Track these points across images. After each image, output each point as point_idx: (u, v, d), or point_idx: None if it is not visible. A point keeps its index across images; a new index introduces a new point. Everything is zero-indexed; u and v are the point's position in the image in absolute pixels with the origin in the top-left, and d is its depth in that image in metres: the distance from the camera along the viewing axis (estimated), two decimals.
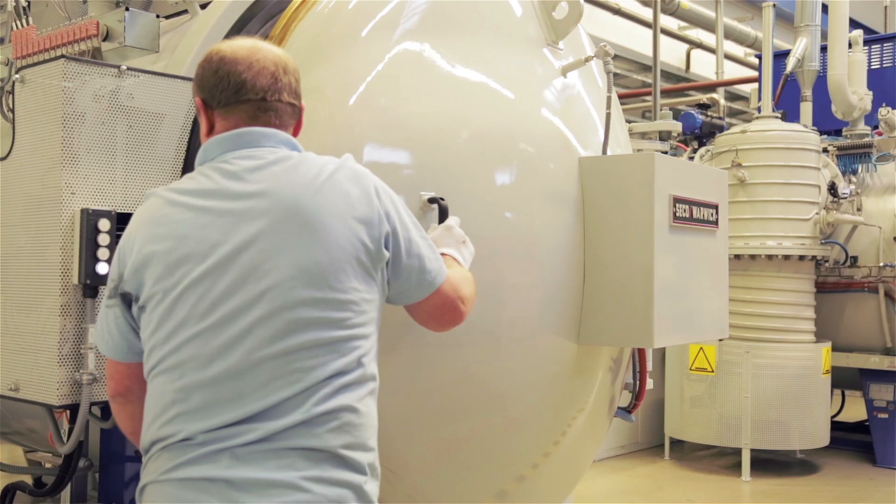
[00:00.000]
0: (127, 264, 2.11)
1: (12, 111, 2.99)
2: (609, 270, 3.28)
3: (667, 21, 14.37)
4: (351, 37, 2.96)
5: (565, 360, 3.33)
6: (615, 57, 3.56)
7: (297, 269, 1.99)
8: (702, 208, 3.50)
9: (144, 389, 2.11)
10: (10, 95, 3.02)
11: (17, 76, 2.94)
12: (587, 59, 3.52)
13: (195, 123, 3.08)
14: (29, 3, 3.64)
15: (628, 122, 6.83)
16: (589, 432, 3.64)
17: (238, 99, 2.16)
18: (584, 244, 3.34)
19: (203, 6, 3.44)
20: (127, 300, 2.12)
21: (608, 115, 3.50)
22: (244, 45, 2.20)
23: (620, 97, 9.96)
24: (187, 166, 3.08)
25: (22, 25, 3.46)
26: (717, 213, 3.61)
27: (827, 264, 8.23)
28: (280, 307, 1.97)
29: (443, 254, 2.47)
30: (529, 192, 3.19)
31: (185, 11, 3.48)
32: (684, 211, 3.37)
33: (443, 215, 2.80)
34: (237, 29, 3.38)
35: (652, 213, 3.18)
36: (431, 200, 2.85)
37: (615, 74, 3.56)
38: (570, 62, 3.50)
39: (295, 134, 2.24)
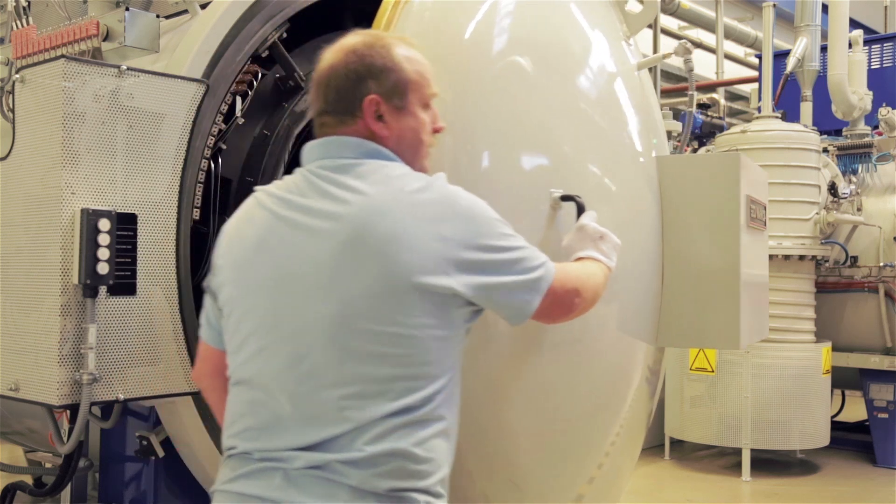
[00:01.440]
0: (216, 259, 2.10)
1: (12, 111, 2.99)
2: (691, 271, 3.23)
3: (667, 21, 14.37)
4: (459, 35, 2.86)
5: (640, 363, 3.30)
6: None
7: (359, 296, 1.86)
8: (761, 208, 3.51)
9: (226, 380, 2.09)
10: (10, 95, 3.02)
11: (17, 76, 2.94)
12: (665, 56, 3.51)
13: (195, 123, 3.08)
14: (29, 3, 3.64)
15: None
16: (633, 440, 3.61)
17: (318, 109, 2.09)
18: (661, 244, 3.29)
19: (203, 6, 3.44)
20: (212, 293, 2.12)
21: (690, 114, 3.49)
22: (344, 45, 2.07)
23: None
24: (187, 166, 3.08)
25: (22, 25, 3.46)
26: (765, 212, 3.63)
27: (827, 264, 8.23)
28: (335, 335, 1.88)
29: (579, 258, 2.40)
30: (623, 191, 3.16)
31: (186, 11, 3.48)
32: (753, 211, 3.38)
33: (580, 212, 2.68)
34: (237, 29, 3.38)
35: (738, 213, 3.14)
36: (565, 198, 2.75)
37: None
38: (647, 58, 3.48)
39: (397, 142, 2.04)
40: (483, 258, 1.93)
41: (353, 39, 2.09)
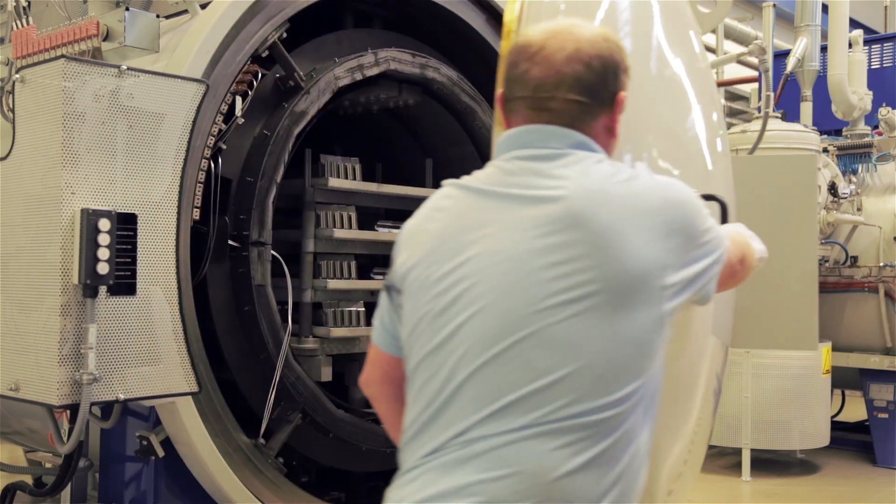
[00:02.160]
0: (397, 255, 1.96)
1: (12, 111, 2.99)
2: (767, 272, 3.23)
3: None
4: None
5: (709, 369, 3.29)
6: None
7: (567, 287, 1.72)
8: None
9: (397, 388, 2.00)
10: (11, 95, 3.02)
11: (17, 76, 2.94)
12: (740, 55, 3.53)
13: (195, 123, 3.08)
14: (29, 3, 3.64)
15: None
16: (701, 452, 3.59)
17: (515, 95, 1.90)
18: None
19: (203, 6, 3.44)
20: (390, 290, 1.97)
21: (766, 115, 3.48)
22: (546, 29, 1.90)
23: None
24: (187, 166, 3.09)
25: (22, 25, 3.46)
26: None
27: (827, 264, 8.23)
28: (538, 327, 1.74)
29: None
30: (714, 191, 3.17)
31: (185, 11, 3.48)
32: None
33: (724, 213, 2.61)
34: (237, 29, 3.38)
35: (815, 215, 3.12)
36: (707, 197, 2.70)
37: None
38: (722, 57, 3.50)
39: (607, 135, 1.92)
40: (696, 245, 1.84)
41: (585, 26, 1.93)
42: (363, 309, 4.00)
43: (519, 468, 1.67)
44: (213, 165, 3.36)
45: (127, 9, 3.15)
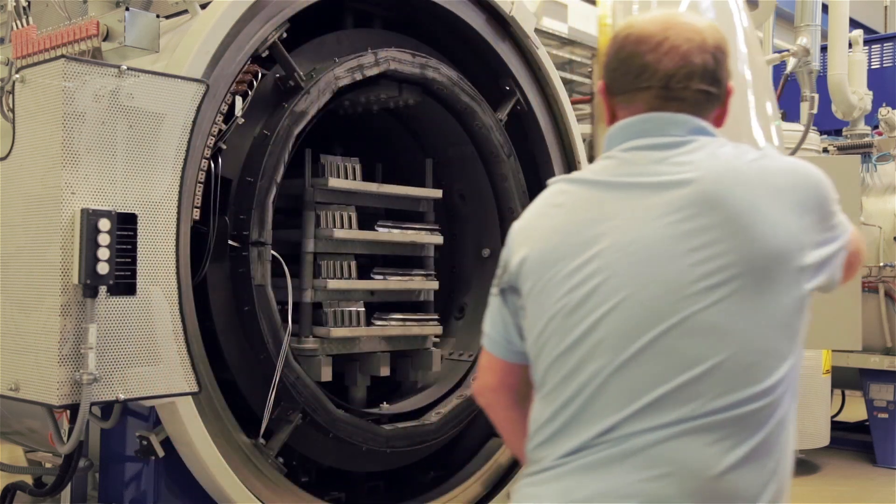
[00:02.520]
0: (511, 255, 1.91)
1: (12, 111, 2.99)
2: None
3: None
4: None
5: None
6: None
7: (707, 273, 1.68)
8: None
9: (514, 395, 1.97)
10: (11, 95, 3.02)
11: (17, 76, 2.94)
12: (784, 56, 3.58)
13: (195, 123, 3.08)
14: (29, 2, 3.64)
15: None
16: None
17: (637, 86, 1.85)
18: None
19: (203, 6, 3.44)
20: (505, 293, 1.93)
21: (811, 116, 3.51)
22: (657, 20, 1.87)
23: None
24: (187, 166, 3.08)
25: (22, 25, 3.46)
26: None
27: None
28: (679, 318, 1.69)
29: None
30: None
31: (186, 11, 3.48)
32: None
33: None
34: (237, 29, 3.38)
35: (859, 216, 3.17)
36: None
37: None
38: (773, 55, 3.59)
39: (717, 124, 1.89)
40: (827, 227, 1.80)
41: (694, 16, 1.93)
42: (363, 309, 4.00)
43: (677, 466, 1.63)
44: (213, 165, 3.36)
45: (127, 9, 3.15)
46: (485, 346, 2.02)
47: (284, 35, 3.61)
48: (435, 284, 4.29)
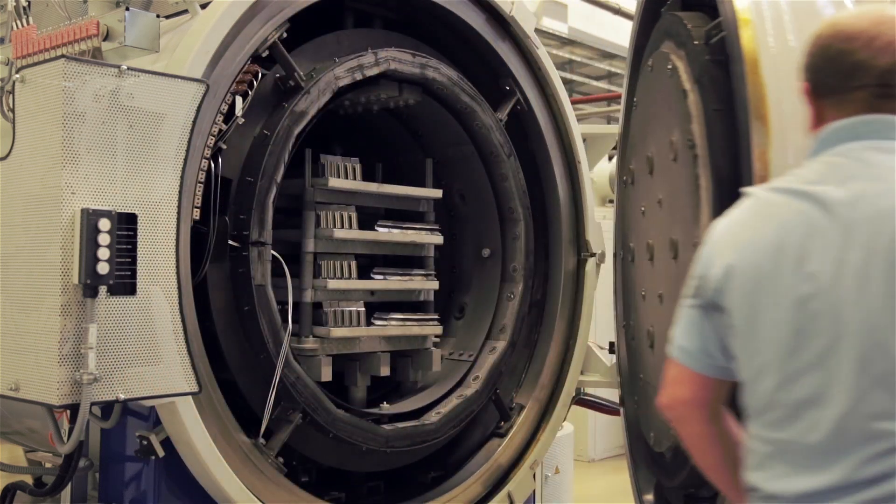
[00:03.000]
0: (710, 267, 1.82)
1: (12, 111, 2.99)
2: None
3: None
4: None
5: None
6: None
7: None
8: None
9: (709, 409, 1.90)
10: (11, 95, 3.02)
11: (17, 76, 2.94)
12: None
13: (195, 123, 3.08)
14: (29, 2, 3.64)
15: None
16: None
17: (850, 85, 1.76)
18: None
19: (203, 6, 3.44)
20: (706, 308, 1.84)
21: None
22: (864, 15, 1.78)
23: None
24: (187, 166, 3.09)
25: (22, 25, 3.46)
26: None
27: None
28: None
29: None
30: None
31: (186, 11, 3.48)
32: None
33: None
34: (237, 29, 3.38)
35: None
36: None
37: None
38: None
39: None
40: None
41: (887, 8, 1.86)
42: (363, 309, 4.00)
43: None
44: (213, 165, 3.36)
45: (127, 9, 3.15)
46: (677, 357, 1.93)
47: (284, 35, 3.61)
48: (435, 284, 4.29)
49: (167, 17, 3.61)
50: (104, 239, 2.77)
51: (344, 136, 4.53)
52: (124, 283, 2.84)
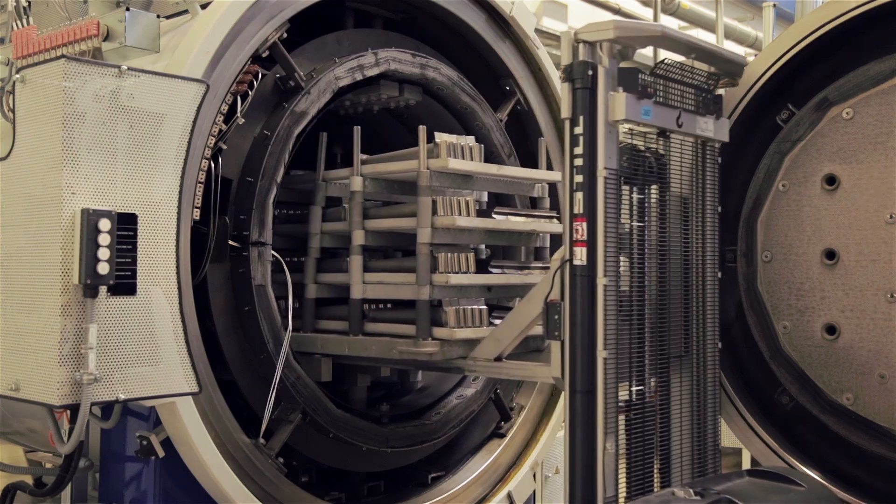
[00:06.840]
0: None
1: (13, 111, 2.99)
2: None
3: (667, 21, 14.36)
4: None
5: None
6: None
7: None
8: None
9: None
10: (11, 95, 3.02)
11: (17, 76, 2.94)
12: None
13: (195, 123, 3.08)
14: (29, 3, 3.65)
15: None
16: None
17: None
18: None
19: (203, 6, 3.44)
20: None
21: None
22: None
23: None
24: (187, 166, 3.08)
25: (22, 25, 3.46)
26: None
27: None
28: None
29: None
30: None
31: (186, 11, 3.48)
32: None
33: None
34: (238, 29, 3.38)
35: None
36: None
37: None
38: None
39: None
40: None
41: None
42: (485, 307, 3.64)
43: None
44: (213, 165, 3.36)
45: (127, 9, 3.15)
46: None
47: (285, 35, 3.61)
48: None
49: (167, 17, 3.61)
50: (104, 239, 2.77)
51: (344, 137, 4.52)
52: (124, 283, 2.84)
